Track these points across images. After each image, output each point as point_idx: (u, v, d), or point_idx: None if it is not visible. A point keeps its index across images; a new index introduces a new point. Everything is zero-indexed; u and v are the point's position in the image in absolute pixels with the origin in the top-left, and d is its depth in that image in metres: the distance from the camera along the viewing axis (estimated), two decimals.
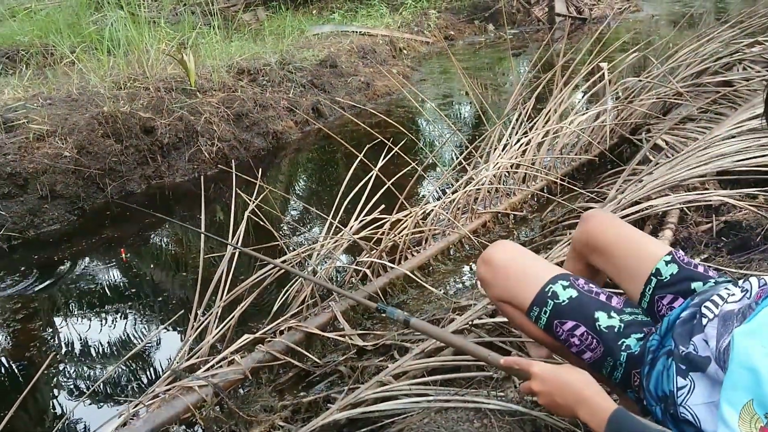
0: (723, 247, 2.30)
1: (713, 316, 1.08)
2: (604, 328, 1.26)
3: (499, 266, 1.39)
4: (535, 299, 1.33)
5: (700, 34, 4.33)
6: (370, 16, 8.83)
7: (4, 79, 4.77)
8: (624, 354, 1.23)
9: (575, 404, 1.09)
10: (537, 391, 1.15)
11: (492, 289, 1.42)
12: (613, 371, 1.25)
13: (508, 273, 1.38)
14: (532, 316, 1.34)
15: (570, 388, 1.11)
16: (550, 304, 1.30)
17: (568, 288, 1.31)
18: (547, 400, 1.14)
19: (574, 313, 1.28)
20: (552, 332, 1.32)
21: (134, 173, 3.87)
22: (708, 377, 1.03)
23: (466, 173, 3.04)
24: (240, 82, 4.99)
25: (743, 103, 3.50)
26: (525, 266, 1.39)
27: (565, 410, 1.12)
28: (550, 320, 1.31)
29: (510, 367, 1.23)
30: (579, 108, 3.78)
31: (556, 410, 1.14)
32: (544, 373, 1.15)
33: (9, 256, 3.11)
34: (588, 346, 1.27)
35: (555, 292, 1.31)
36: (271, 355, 1.97)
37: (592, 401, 1.07)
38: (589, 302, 1.30)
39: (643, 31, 8.75)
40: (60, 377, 2.22)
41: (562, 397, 1.11)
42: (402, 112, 5.55)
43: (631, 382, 1.23)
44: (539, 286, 1.33)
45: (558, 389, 1.12)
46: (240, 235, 2.22)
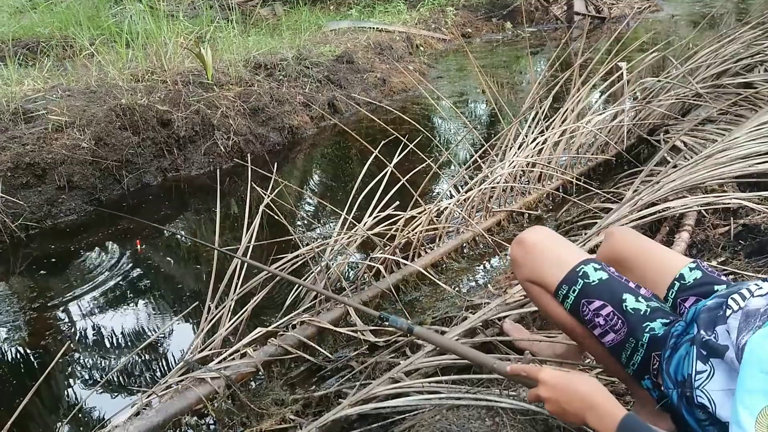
0: (740, 250, 2.28)
1: (738, 308, 1.08)
2: (631, 309, 1.27)
3: (533, 247, 1.42)
4: (565, 278, 1.34)
5: (721, 34, 4.27)
6: (387, 13, 8.82)
7: (24, 70, 4.81)
8: (647, 335, 1.23)
9: (585, 410, 1.09)
10: (545, 398, 1.15)
11: (522, 269, 1.44)
12: (633, 354, 1.26)
13: (542, 254, 1.40)
14: (559, 295, 1.35)
15: (579, 395, 1.10)
16: (580, 283, 1.32)
17: (600, 270, 1.33)
18: (555, 406, 1.14)
19: (602, 293, 1.30)
20: (577, 313, 1.33)
21: (151, 165, 3.90)
22: (726, 364, 1.03)
23: (482, 171, 3.03)
24: (257, 76, 5.01)
25: (764, 105, 3.45)
26: (558, 248, 1.42)
27: (574, 417, 1.11)
28: (578, 299, 1.32)
29: (517, 374, 1.23)
30: (596, 108, 3.75)
31: (564, 417, 1.14)
32: (552, 380, 1.14)
33: (26, 245, 3.15)
34: (612, 326, 1.28)
35: (586, 273, 1.33)
36: (284, 348, 1.98)
37: (602, 407, 1.07)
38: (619, 285, 1.31)
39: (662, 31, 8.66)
40: (74, 366, 2.24)
41: (570, 404, 1.11)
42: (418, 109, 5.54)
43: (650, 365, 1.23)
44: (570, 267, 1.35)
45: (567, 395, 1.11)
46: (254, 230, 2.22)
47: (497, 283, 2.35)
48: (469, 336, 1.91)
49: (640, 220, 2.41)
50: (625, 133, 3.58)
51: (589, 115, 3.53)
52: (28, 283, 2.78)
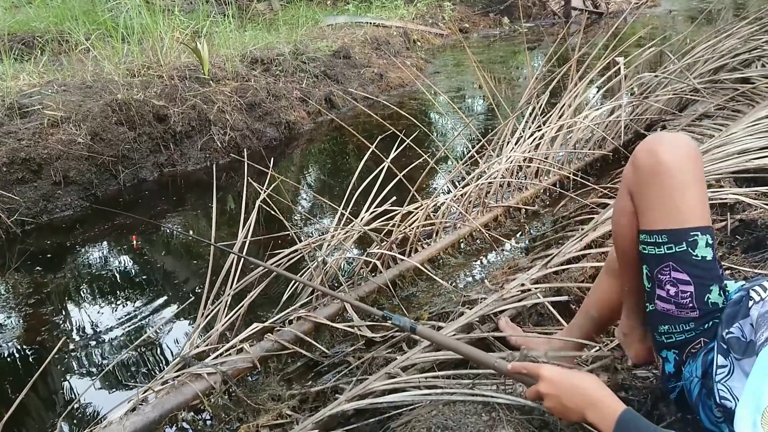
0: (737, 245, 2.28)
1: (759, 299, 1.08)
2: (711, 303, 1.17)
3: (666, 170, 1.17)
4: (672, 231, 1.17)
5: (718, 30, 4.27)
6: (384, 8, 8.79)
7: (19, 65, 4.79)
8: (710, 324, 1.17)
9: (584, 407, 1.09)
10: (545, 394, 1.15)
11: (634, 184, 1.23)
12: (680, 333, 1.18)
13: (669, 184, 1.17)
14: (649, 239, 1.19)
15: (579, 391, 1.10)
16: (682, 248, 1.16)
17: (708, 248, 1.17)
18: (554, 402, 1.14)
19: (696, 271, 1.16)
20: (653, 266, 1.19)
21: (147, 161, 3.89)
22: (746, 364, 1.02)
23: (478, 166, 3.02)
24: (253, 71, 4.99)
25: (761, 100, 3.46)
26: (688, 190, 1.18)
27: (573, 413, 1.11)
28: (666, 259, 1.17)
29: (518, 372, 1.23)
30: (593, 103, 3.75)
31: (563, 413, 1.14)
32: (552, 376, 1.14)
33: (22, 241, 3.14)
34: (679, 303, 1.18)
35: (696, 242, 1.16)
36: (280, 344, 1.98)
37: (602, 403, 1.07)
38: (714, 273, 1.19)
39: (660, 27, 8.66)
40: (70, 362, 2.23)
41: (571, 400, 1.11)
42: (415, 104, 5.53)
43: (690, 347, 1.18)
44: (685, 224, 1.17)
45: (567, 392, 1.12)
46: (250, 225, 2.22)
47: (494, 278, 2.35)
48: (465, 331, 1.91)
49: None
50: (622, 128, 3.58)
51: (586, 111, 3.53)
52: (23, 279, 2.77)
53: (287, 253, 2.28)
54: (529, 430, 1.32)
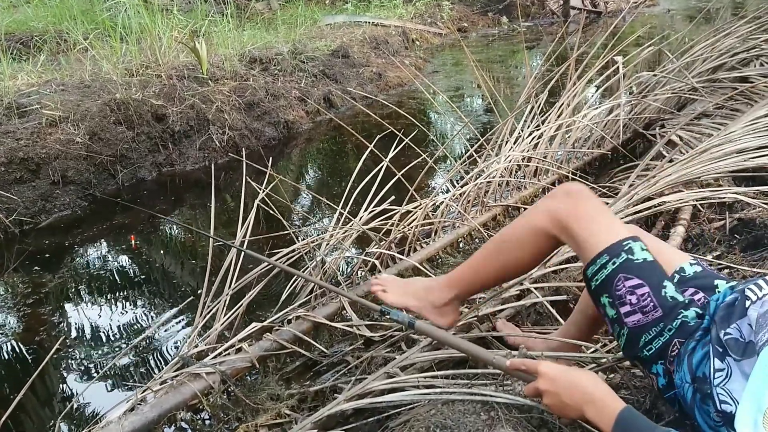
0: (736, 244, 2.28)
1: (756, 298, 1.08)
2: (669, 297, 1.21)
3: (585, 202, 1.32)
4: (609, 248, 1.25)
5: (717, 29, 4.27)
6: (383, 7, 8.79)
7: (17, 64, 4.79)
8: (678, 321, 1.19)
9: (584, 404, 1.09)
10: (543, 391, 1.15)
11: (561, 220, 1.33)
12: (655, 338, 1.20)
13: (594, 213, 1.30)
14: (596, 263, 1.26)
15: (578, 388, 1.11)
16: (623, 257, 1.23)
17: (645, 251, 1.25)
18: (553, 399, 1.14)
19: (644, 273, 1.22)
20: (608, 286, 1.24)
21: (145, 160, 3.89)
22: (746, 365, 1.02)
23: (477, 166, 3.02)
24: (252, 71, 4.99)
25: (760, 99, 3.46)
26: (607, 215, 1.32)
27: (572, 410, 1.11)
28: (615, 272, 1.23)
29: (516, 369, 1.23)
30: (592, 102, 3.75)
31: (562, 410, 1.14)
32: (552, 373, 1.14)
33: (21, 241, 3.13)
34: (642, 308, 1.21)
35: (632, 248, 1.24)
36: (279, 343, 1.97)
37: (601, 401, 1.07)
38: (662, 271, 1.25)
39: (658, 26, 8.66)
40: (69, 361, 2.23)
41: (569, 397, 1.11)
42: (414, 103, 5.53)
43: (669, 351, 1.19)
44: (618, 238, 1.25)
45: (566, 389, 1.12)
46: (249, 224, 2.22)
47: None
48: (464, 331, 1.91)
49: (636, 215, 2.41)
50: (620, 127, 3.58)
51: (584, 110, 3.53)
52: (22, 279, 2.76)
53: (286, 253, 2.28)
54: (527, 429, 1.32)
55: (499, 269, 1.52)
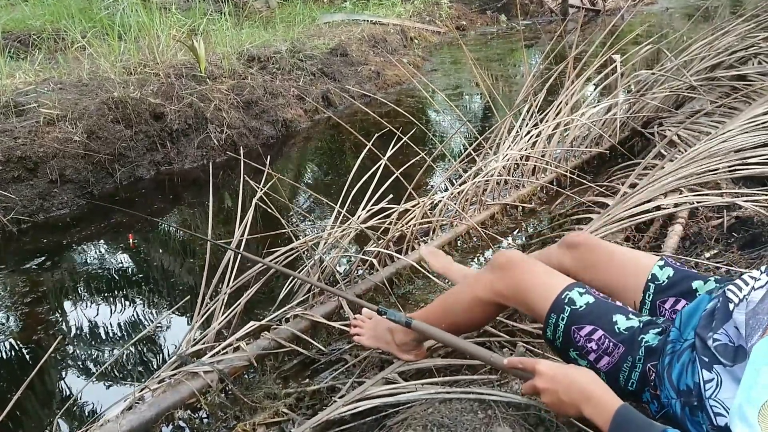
0: (734, 242, 2.28)
1: (739, 300, 1.07)
2: (624, 330, 1.24)
3: (518, 271, 1.39)
4: (552, 306, 1.31)
5: (715, 27, 4.27)
6: (381, 5, 8.78)
7: (15, 63, 4.78)
8: (643, 348, 1.21)
9: (582, 401, 1.10)
10: (542, 389, 1.16)
11: (503, 294, 1.42)
12: (631, 372, 1.22)
13: (527, 279, 1.38)
14: (549, 324, 1.32)
15: (577, 386, 1.11)
16: (567, 311, 1.29)
17: (585, 294, 1.31)
18: (552, 397, 1.15)
19: (591, 317, 1.27)
20: (570, 342, 1.29)
21: (143, 159, 3.88)
22: (738, 370, 1.02)
23: (475, 164, 3.02)
24: (250, 69, 4.99)
25: (758, 97, 3.46)
26: (541, 274, 1.39)
27: (570, 408, 1.12)
28: (567, 327, 1.29)
29: (514, 367, 1.24)
30: (590, 100, 3.75)
31: (560, 408, 1.15)
32: (550, 371, 1.15)
33: (18, 239, 3.13)
34: (605, 350, 1.24)
35: (572, 299, 1.30)
36: (277, 342, 1.98)
37: (600, 399, 1.08)
38: (607, 307, 1.29)
39: (657, 24, 8.66)
40: (67, 360, 2.23)
41: (568, 395, 1.12)
42: (412, 102, 5.53)
43: (648, 378, 1.20)
44: (556, 293, 1.32)
45: (564, 387, 1.13)
46: (247, 223, 2.22)
47: None
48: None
49: (636, 217, 2.41)
50: (618, 125, 3.58)
51: (583, 108, 3.53)
52: (20, 278, 2.76)
53: (284, 251, 2.28)
54: (524, 427, 1.32)
55: (452, 327, 1.58)
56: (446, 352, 1.84)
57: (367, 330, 1.80)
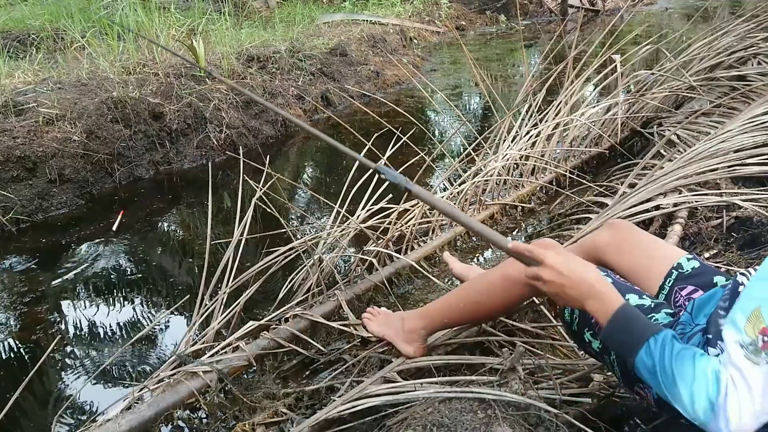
0: (733, 242, 2.28)
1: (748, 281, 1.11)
2: (635, 306, 1.26)
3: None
4: None
5: (715, 27, 4.27)
6: (381, 5, 8.78)
7: (14, 62, 4.77)
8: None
9: (586, 297, 1.13)
10: (547, 280, 1.16)
11: None
12: None
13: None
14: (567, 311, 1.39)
15: (584, 282, 1.13)
16: None
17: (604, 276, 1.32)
18: (556, 289, 1.16)
19: None
20: (587, 322, 1.34)
21: (143, 159, 3.88)
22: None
23: (475, 164, 3.02)
24: (249, 69, 4.98)
25: (757, 97, 3.46)
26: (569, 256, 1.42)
27: (573, 301, 1.15)
28: None
29: (519, 252, 1.20)
30: (590, 100, 3.75)
31: (562, 300, 1.17)
32: (558, 266, 1.15)
33: (17, 239, 3.13)
34: None
35: None
36: (276, 342, 1.97)
37: (603, 296, 1.11)
38: (622, 287, 1.34)
39: (656, 24, 8.67)
40: (66, 360, 2.23)
41: (574, 290, 1.14)
42: (411, 101, 5.53)
43: None
44: None
45: (571, 282, 1.14)
46: (247, 222, 2.21)
47: None
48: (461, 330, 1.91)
49: (634, 217, 2.41)
50: (618, 125, 3.58)
51: (582, 108, 3.53)
52: (18, 277, 2.76)
53: (283, 251, 2.28)
54: (524, 427, 1.32)
55: (471, 309, 1.64)
56: (446, 351, 1.85)
57: (378, 318, 1.92)
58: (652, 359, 1.03)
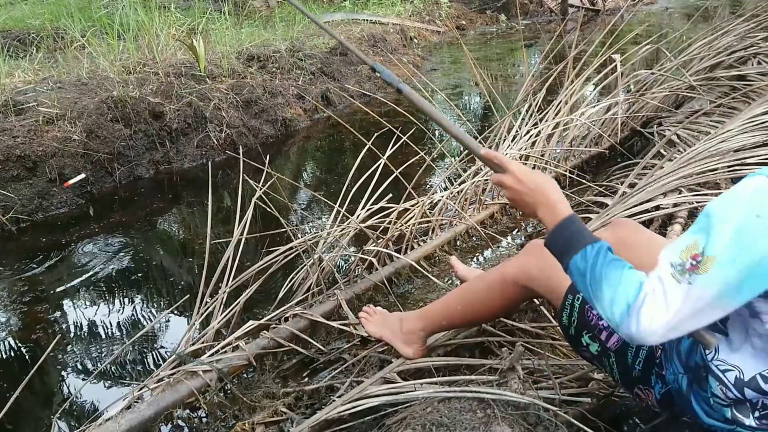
0: None
1: None
2: None
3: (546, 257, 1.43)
4: (570, 287, 1.38)
5: (715, 27, 4.27)
6: (381, 5, 8.78)
7: (14, 62, 4.77)
8: None
9: (539, 204, 1.20)
10: (509, 187, 1.25)
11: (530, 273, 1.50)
12: (638, 351, 1.27)
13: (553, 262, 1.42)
14: (565, 306, 1.38)
15: (540, 190, 1.21)
16: None
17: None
18: (515, 195, 1.24)
19: None
20: (585, 324, 1.34)
21: (143, 158, 3.88)
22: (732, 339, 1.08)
23: (475, 164, 3.02)
24: (249, 68, 4.98)
25: (757, 97, 3.46)
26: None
27: (528, 207, 1.23)
28: (582, 306, 1.35)
29: (489, 159, 1.28)
30: (590, 100, 3.75)
31: (520, 206, 1.26)
32: (519, 174, 1.23)
33: (17, 238, 3.13)
34: None
35: None
36: (276, 341, 1.98)
37: (554, 204, 1.19)
38: None
39: (656, 24, 8.67)
40: (66, 359, 2.23)
41: (530, 196, 1.22)
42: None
43: (655, 356, 1.25)
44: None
45: (528, 189, 1.22)
46: (247, 222, 2.22)
47: None
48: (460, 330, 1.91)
49: (634, 217, 2.41)
50: (618, 125, 3.58)
51: (582, 108, 3.53)
52: (19, 277, 2.76)
53: (283, 251, 2.28)
54: (523, 427, 1.32)
55: (470, 311, 1.66)
56: (445, 352, 1.85)
57: (375, 318, 1.90)
58: (585, 262, 1.09)
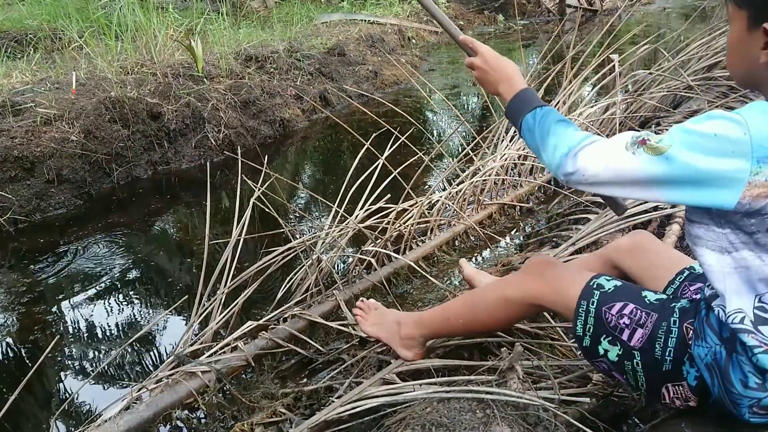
0: None
1: None
2: (654, 301, 1.28)
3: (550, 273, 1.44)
4: (581, 294, 1.34)
5: (712, 27, 4.28)
6: (379, 5, 8.78)
7: (12, 62, 4.76)
8: (677, 311, 1.23)
9: (501, 82, 1.40)
10: (477, 66, 1.45)
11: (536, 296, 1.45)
12: (667, 339, 1.21)
13: (558, 278, 1.43)
14: (579, 315, 1.33)
15: (501, 69, 1.41)
16: (596, 294, 1.33)
17: (612, 280, 1.36)
18: (481, 74, 1.45)
19: (620, 294, 1.31)
20: (603, 325, 1.29)
21: (141, 159, 3.87)
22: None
23: (473, 164, 3.02)
24: (247, 69, 4.98)
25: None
26: (570, 271, 1.46)
27: (491, 85, 1.43)
28: (598, 309, 1.30)
29: (465, 43, 1.49)
30: (588, 100, 3.75)
31: (485, 84, 1.45)
32: (486, 55, 1.44)
33: (15, 239, 3.12)
34: (638, 322, 1.25)
35: (600, 284, 1.35)
36: (275, 342, 1.98)
37: (515, 82, 1.39)
38: (635, 287, 1.36)
39: (654, 24, 8.68)
40: (64, 360, 2.22)
41: (493, 75, 1.42)
42: (410, 101, 5.53)
43: (686, 339, 1.20)
44: (584, 282, 1.37)
45: (492, 68, 1.43)
46: (245, 222, 2.21)
47: None
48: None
49: (633, 217, 2.42)
50: (617, 125, 3.58)
51: (580, 108, 3.53)
52: (16, 278, 2.75)
53: (282, 251, 2.28)
54: (523, 427, 1.32)
55: (470, 327, 1.66)
56: (444, 352, 1.85)
57: (371, 317, 1.85)
58: (534, 119, 1.26)
